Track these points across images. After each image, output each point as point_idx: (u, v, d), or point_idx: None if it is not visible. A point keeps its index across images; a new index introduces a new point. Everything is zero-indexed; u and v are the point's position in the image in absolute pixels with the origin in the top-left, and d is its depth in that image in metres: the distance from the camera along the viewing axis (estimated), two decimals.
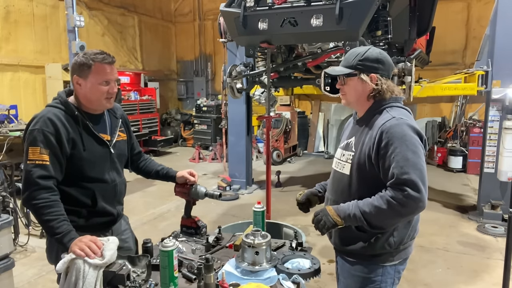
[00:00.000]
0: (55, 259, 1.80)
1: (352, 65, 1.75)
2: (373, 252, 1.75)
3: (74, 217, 1.87)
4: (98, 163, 1.95)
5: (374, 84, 1.72)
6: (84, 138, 1.89)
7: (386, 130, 1.64)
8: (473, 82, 5.38)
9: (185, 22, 12.83)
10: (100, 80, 1.86)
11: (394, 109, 1.74)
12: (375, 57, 1.73)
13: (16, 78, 7.81)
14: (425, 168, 1.63)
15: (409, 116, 1.74)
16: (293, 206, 2.23)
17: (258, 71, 5.11)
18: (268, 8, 3.86)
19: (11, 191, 4.29)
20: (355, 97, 1.80)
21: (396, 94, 1.77)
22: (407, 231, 1.77)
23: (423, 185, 1.58)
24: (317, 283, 3.62)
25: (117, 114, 2.13)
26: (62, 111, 1.87)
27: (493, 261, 4.12)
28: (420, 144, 1.65)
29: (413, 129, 1.66)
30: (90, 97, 1.90)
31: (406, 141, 1.61)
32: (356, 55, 1.75)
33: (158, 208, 5.95)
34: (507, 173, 4.80)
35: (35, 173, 1.74)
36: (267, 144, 4.45)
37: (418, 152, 1.62)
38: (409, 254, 1.84)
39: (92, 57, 1.85)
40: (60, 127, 1.82)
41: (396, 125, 1.64)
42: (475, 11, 9.44)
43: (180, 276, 1.77)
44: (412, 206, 1.59)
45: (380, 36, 4.14)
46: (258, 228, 1.92)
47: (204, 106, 10.79)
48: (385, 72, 1.75)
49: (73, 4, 5.19)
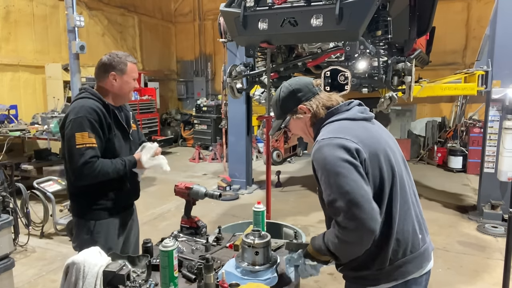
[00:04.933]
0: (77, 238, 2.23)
1: (281, 113, 1.73)
2: (355, 274, 1.60)
3: (103, 200, 2.20)
4: (123, 147, 2.27)
5: (308, 113, 1.66)
6: (112, 126, 2.20)
7: (313, 158, 1.56)
8: (473, 82, 5.37)
9: (185, 22, 12.83)
10: (132, 76, 2.25)
11: (325, 128, 1.61)
12: (289, 92, 1.68)
13: (16, 78, 7.81)
14: (354, 187, 1.40)
15: (338, 129, 1.56)
16: (293, 206, 2.24)
17: (258, 71, 5.10)
18: (268, 8, 3.86)
19: (11, 191, 4.29)
20: (304, 133, 1.74)
21: (331, 104, 1.65)
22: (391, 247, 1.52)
23: (355, 206, 1.38)
24: (317, 283, 3.63)
25: (127, 108, 2.45)
26: (96, 102, 2.16)
27: (493, 261, 4.12)
28: (343, 159, 1.44)
29: (334, 146, 1.48)
30: (122, 90, 2.24)
31: (326, 165, 1.47)
32: (275, 104, 1.74)
33: (158, 208, 5.95)
34: (507, 173, 4.80)
35: (88, 154, 2.05)
36: (267, 144, 4.45)
37: (342, 172, 1.42)
38: (408, 275, 1.55)
39: (127, 58, 2.24)
40: (100, 114, 2.12)
41: (317, 150, 1.52)
42: (475, 11, 9.44)
43: (180, 276, 1.77)
44: (348, 234, 1.42)
45: (380, 36, 4.14)
46: (258, 228, 1.92)
47: (204, 106, 10.79)
48: (308, 94, 1.67)
49: (73, 4, 5.19)
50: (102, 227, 2.21)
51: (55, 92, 7.76)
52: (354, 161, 1.45)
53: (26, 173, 6.34)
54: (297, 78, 1.75)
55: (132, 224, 2.46)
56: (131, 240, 2.45)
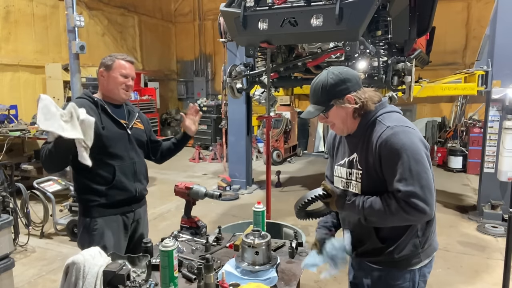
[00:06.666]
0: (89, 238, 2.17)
1: (325, 100, 1.69)
2: (399, 257, 1.66)
3: (95, 196, 2.18)
4: (117, 142, 2.25)
5: (353, 104, 1.66)
6: (102, 119, 2.21)
7: (384, 142, 1.58)
8: (473, 82, 5.38)
9: (185, 22, 12.83)
10: (119, 72, 2.24)
11: (386, 117, 1.67)
12: (338, 79, 1.66)
13: (16, 78, 7.81)
14: (430, 175, 1.55)
15: (402, 119, 1.67)
16: (293, 206, 2.23)
17: (258, 71, 5.10)
18: (268, 8, 3.85)
19: (11, 191, 4.29)
20: (343, 123, 1.73)
21: (378, 100, 1.71)
22: (431, 228, 1.70)
23: (429, 194, 1.52)
24: (317, 283, 3.63)
25: (134, 110, 2.49)
26: (86, 100, 2.23)
27: (493, 261, 4.12)
28: (422, 149, 1.57)
29: (411, 134, 1.58)
30: (109, 86, 2.26)
31: (406, 150, 1.54)
32: (321, 89, 1.70)
33: (158, 208, 5.95)
34: (507, 173, 4.80)
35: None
36: (267, 144, 4.45)
37: (421, 160, 1.54)
38: (435, 250, 1.76)
39: (117, 56, 2.28)
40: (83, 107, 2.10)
41: (392, 134, 1.57)
42: (475, 11, 9.45)
43: (180, 276, 1.77)
44: (417, 216, 1.54)
45: (380, 36, 4.13)
46: (258, 228, 1.92)
47: (204, 106, 10.79)
48: (356, 86, 1.68)
49: (73, 4, 5.19)
50: (99, 225, 2.20)
51: (55, 92, 7.76)
52: (426, 152, 1.59)
53: (26, 173, 6.34)
54: (344, 67, 1.72)
55: (137, 226, 2.42)
56: (135, 241, 2.39)
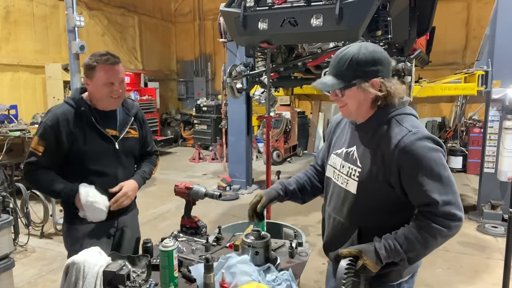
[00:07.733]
0: (70, 244, 2.06)
1: (347, 75, 1.45)
2: (381, 272, 1.47)
3: (77, 209, 2.00)
4: (101, 157, 2.05)
5: (377, 90, 1.45)
6: (87, 133, 2.00)
7: (407, 148, 1.40)
8: (473, 82, 5.37)
9: (185, 22, 12.83)
10: (103, 81, 1.95)
11: (404, 119, 1.49)
12: (371, 58, 1.43)
13: (16, 78, 7.80)
14: (454, 181, 1.44)
15: (420, 124, 1.51)
16: (293, 206, 2.24)
17: (258, 71, 5.10)
18: (268, 8, 3.85)
19: (11, 191, 4.29)
20: (357, 107, 1.51)
21: (402, 96, 1.52)
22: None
23: (459, 198, 1.42)
24: (317, 283, 3.62)
25: (130, 111, 2.19)
26: (72, 108, 2.00)
27: (493, 261, 4.12)
28: (443, 154, 1.44)
29: (433, 140, 1.43)
30: (96, 96, 2.01)
31: (432, 159, 1.39)
32: (348, 61, 1.44)
33: (158, 208, 5.95)
34: (507, 173, 4.81)
35: (30, 159, 1.98)
36: (267, 144, 4.45)
37: (446, 165, 1.43)
38: (417, 267, 1.65)
39: (97, 58, 1.94)
40: (61, 122, 1.95)
41: (417, 140, 1.40)
42: (475, 11, 9.44)
43: (180, 276, 1.77)
44: (457, 228, 1.41)
45: (380, 36, 4.13)
46: (258, 228, 1.92)
47: (204, 106, 10.79)
48: (386, 73, 1.46)
49: (73, 4, 5.18)
50: (79, 233, 2.06)
51: (55, 92, 7.76)
52: (446, 158, 1.47)
53: None
54: (380, 48, 1.49)
55: (122, 234, 2.20)
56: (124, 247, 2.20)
